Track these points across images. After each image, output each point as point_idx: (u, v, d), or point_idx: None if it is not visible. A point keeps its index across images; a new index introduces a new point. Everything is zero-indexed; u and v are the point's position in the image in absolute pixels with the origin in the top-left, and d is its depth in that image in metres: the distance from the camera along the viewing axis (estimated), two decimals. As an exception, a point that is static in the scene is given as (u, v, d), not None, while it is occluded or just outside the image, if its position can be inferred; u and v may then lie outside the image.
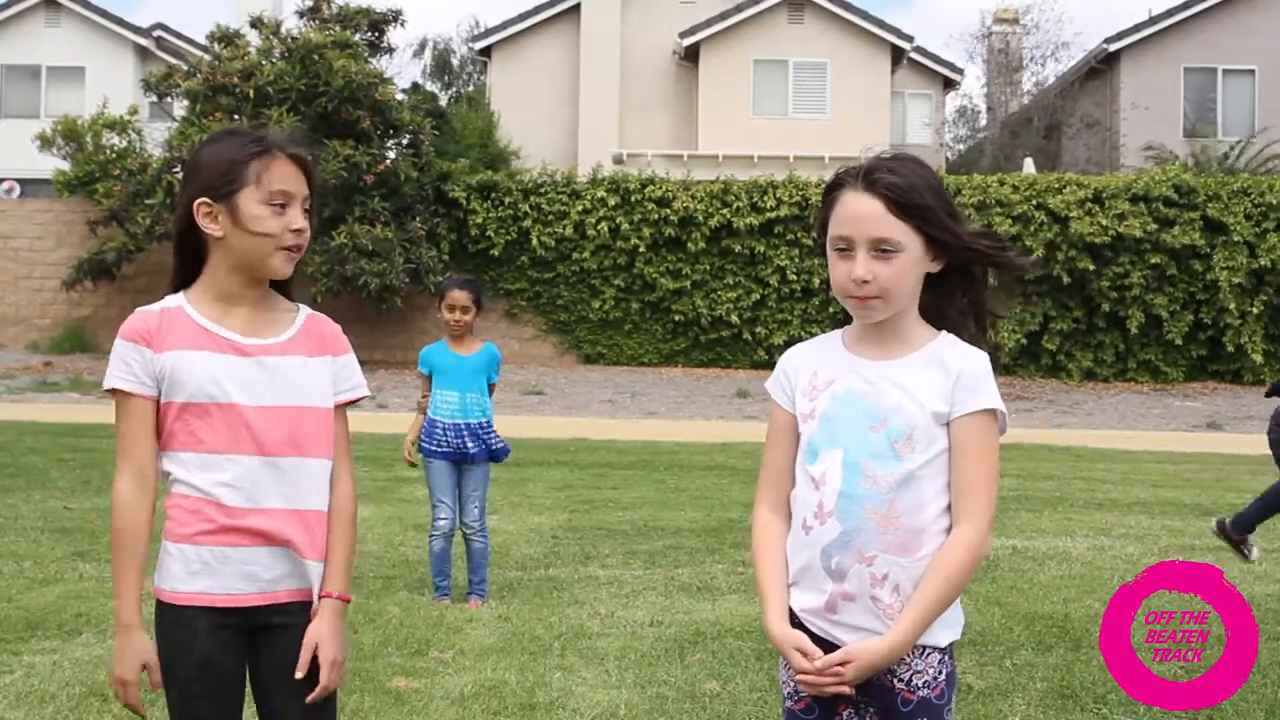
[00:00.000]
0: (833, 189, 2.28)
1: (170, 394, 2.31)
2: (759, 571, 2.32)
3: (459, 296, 6.01)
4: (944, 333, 2.30)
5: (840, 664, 2.17)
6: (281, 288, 2.45)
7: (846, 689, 2.18)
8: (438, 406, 6.05)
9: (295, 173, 2.35)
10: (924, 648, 2.22)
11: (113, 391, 2.33)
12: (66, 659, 4.71)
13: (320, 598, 2.35)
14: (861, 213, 2.21)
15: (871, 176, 2.21)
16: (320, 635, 2.32)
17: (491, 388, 6.15)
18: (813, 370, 2.32)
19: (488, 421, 6.06)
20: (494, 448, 6.09)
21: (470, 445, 6.00)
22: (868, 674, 2.18)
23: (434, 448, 6.03)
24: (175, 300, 2.37)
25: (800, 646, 2.22)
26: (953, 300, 2.32)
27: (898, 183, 2.20)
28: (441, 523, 6.02)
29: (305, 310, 2.45)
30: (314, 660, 2.32)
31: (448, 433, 6.00)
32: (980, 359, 2.25)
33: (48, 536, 7.29)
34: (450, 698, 4.33)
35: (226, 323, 2.35)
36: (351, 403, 2.46)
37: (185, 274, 2.40)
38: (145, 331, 2.32)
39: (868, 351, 2.29)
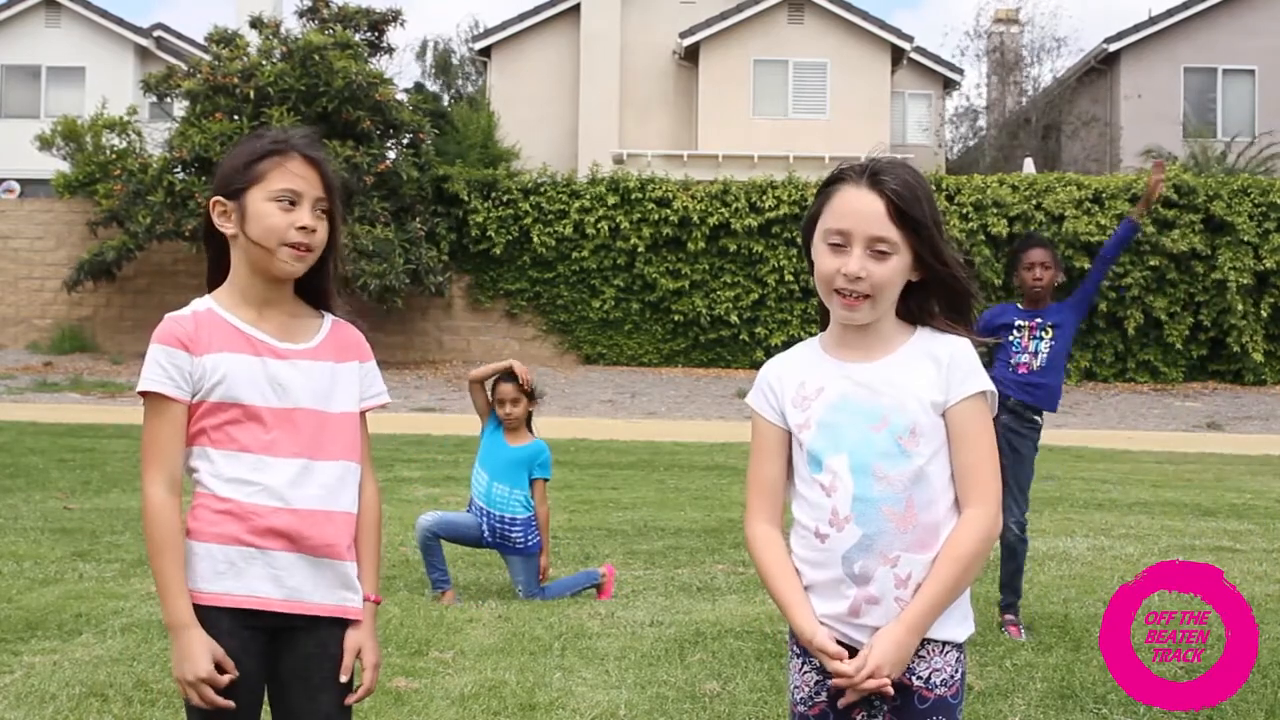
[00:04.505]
0: (832, 183, 2.28)
1: (207, 394, 2.32)
2: (775, 582, 2.29)
3: (506, 390, 5.98)
4: (920, 327, 2.31)
5: (870, 665, 2.17)
6: (318, 293, 2.47)
7: (889, 688, 2.17)
8: (473, 479, 6.14)
9: (310, 173, 2.36)
10: (944, 644, 2.23)
11: (144, 395, 2.32)
12: (66, 659, 4.71)
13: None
14: (863, 210, 2.21)
15: (877, 176, 2.22)
16: (362, 640, 2.37)
17: (537, 485, 6.05)
18: (799, 380, 2.31)
19: (511, 517, 5.99)
20: (516, 546, 6.05)
21: (487, 535, 6.05)
22: (900, 665, 2.17)
23: (469, 507, 6.16)
24: (204, 303, 2.39)
25: (840, 653, 2.21)
26: (927, 307, 2.33)
27: (900, 189, 2.21)
28: (424, 521, 6.06)
29: (330, 317, 2.48)
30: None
31: (473, 506, 6.12)
32: (965, 344, 2.27)
33: (48, 536, 7.29)
34: (450, 698, 4.33)
35: (261, 326, 2.37)
36: (374, 410, 2.51)
37: (214, 273, 2.43)
38: (184, 336, 2.32)
39: (852, 355, 2.29)
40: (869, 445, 2.22)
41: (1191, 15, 27.82)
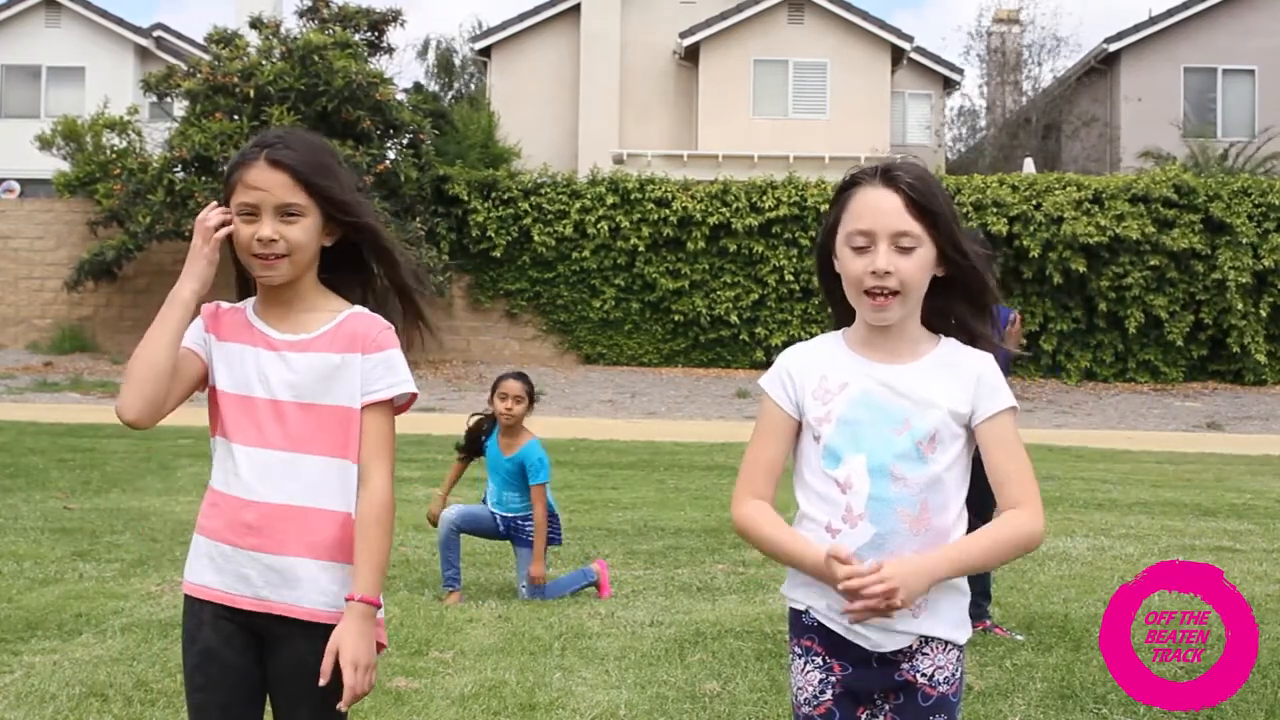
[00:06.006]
0: (847, 187, 2.29)
1: (213, 380, 2.38)
2: (776, 538, 2.26)
3: (512, 386, 6.03)
4: (944, 337, 2.33)
5: (884, 572, 2.12)
6: (344, 284, 2.44)
7: (899, 601, 2.12)
8: (486, 488, 6.29)
9: (273, 177, 2.29)
10: (946, 643, 2.25)
11: None
12: (66, 659, 4.71)
13: (345, 600, 2.31)
14: (882, 207, 2.23)
15: (891, 174, 2.25)
16: (342, 638, 2.25)
17: (533, 489, 6.05)
18: (821, 374, 2.31)
19: (524, 517, 6.12)
20: (528, 539, 6.12)
21: (501, 528, 6.19)
22: (910, 592, 2.12)
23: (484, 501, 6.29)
24: (247, 301, 2.43)
25: (851, 555, 2.15)
26: (950, 307, 2.34)
27: (915, 183, 2.24)
28: (448, 515, 6.13)
29: (351, 310, 2.40)
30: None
31: (487, 503, 6.26)
32: (988, 360, 2.30)
33: (48, 536, 7.29)
34: (450, 698, 4.33)
35: (268, 319, 2.38)
36: (397, 406, 2.38)
37: (240, 278, 2.45)
38: (209, 313, 2.40)
39: (877, 355, 2.30)
40: (889, 447, 2.23)
41: (1191, 15, 27.82)
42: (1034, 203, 20.93)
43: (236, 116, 19.60)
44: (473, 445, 6.28)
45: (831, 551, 2.16)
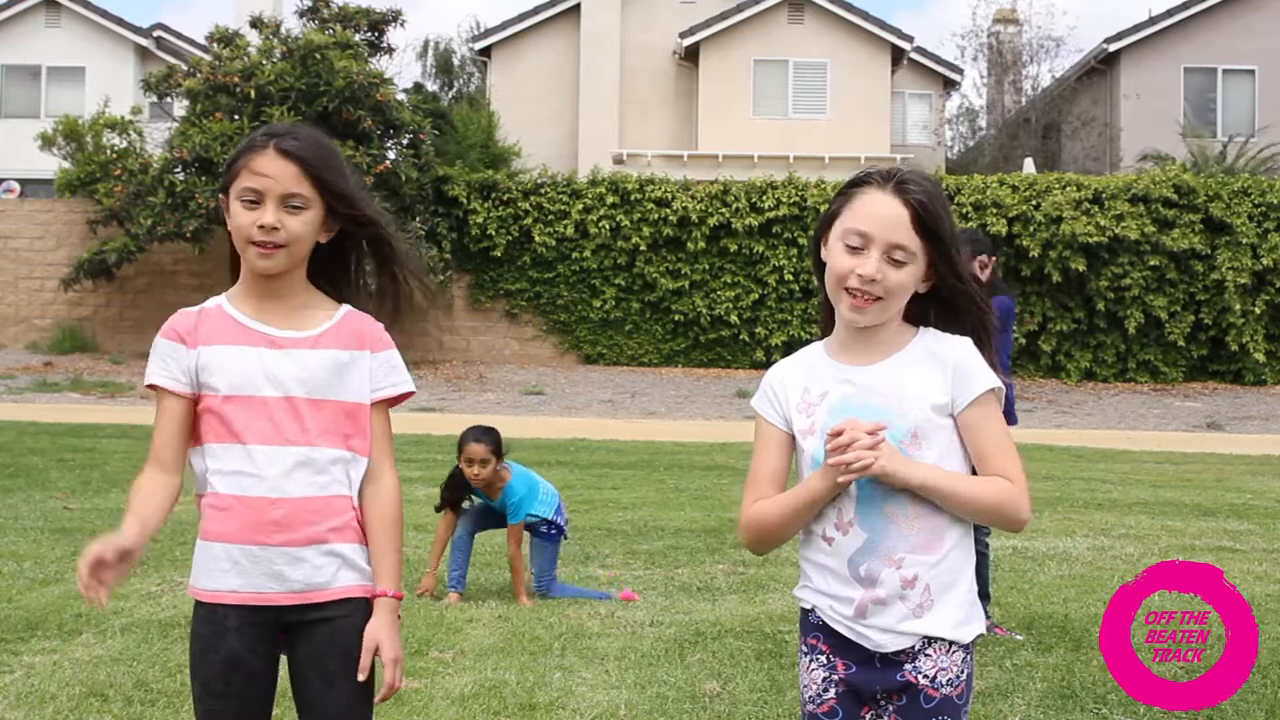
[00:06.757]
0: (856, 185, 2.29)
1: (203, 388, 2.35)
2: (784, 500, 2.28)
3: (476, 450, 5.92)
4: (922, 328, 2.32)
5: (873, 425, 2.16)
6: (332, 282, 2.46)
7: (882, 450, 2.14)
8: None
9: (281, 167, 2.33)
10: (950, 644, 2.24)
11: (153, 389, 2.38)
12: (66, 659, 4.71)
13: (375, 597, 2.36)
14: (887, 215, 2.23)
15: (905, 185, 2.24)
16: (380, 635, 2.34)
17: (510, 528, 6.02)
18: (803, 386, 2.33)
19: (533, 524, 6.11)
20: (539, 531, 6.12)
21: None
22: (893, 459, 2.15)
23: None
24: (214, 301, 2.43)
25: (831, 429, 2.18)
26: (950, 325, 2.33)
27: (925, 200, 2.23)
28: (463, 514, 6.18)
29: (346, 309, 2.45)
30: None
31: None
32: (966, 345, 2.28)
33: (48, 536, 7.29)
34: (450, 698, 4.33)
35: (261, 317, 2.38)
36: (393, 401, 2.46)
37: (234, 266, 2.45)
38: (182, 329, 2.37)
39: (854, 358, 2.30)
40: None
41: (1191, 15, 27.81)
42: (1034, 203, 20.92)
43: (237, 116, 19.60)
44: (453, 502, 6.20)
45: (829, 433, 2.18)
